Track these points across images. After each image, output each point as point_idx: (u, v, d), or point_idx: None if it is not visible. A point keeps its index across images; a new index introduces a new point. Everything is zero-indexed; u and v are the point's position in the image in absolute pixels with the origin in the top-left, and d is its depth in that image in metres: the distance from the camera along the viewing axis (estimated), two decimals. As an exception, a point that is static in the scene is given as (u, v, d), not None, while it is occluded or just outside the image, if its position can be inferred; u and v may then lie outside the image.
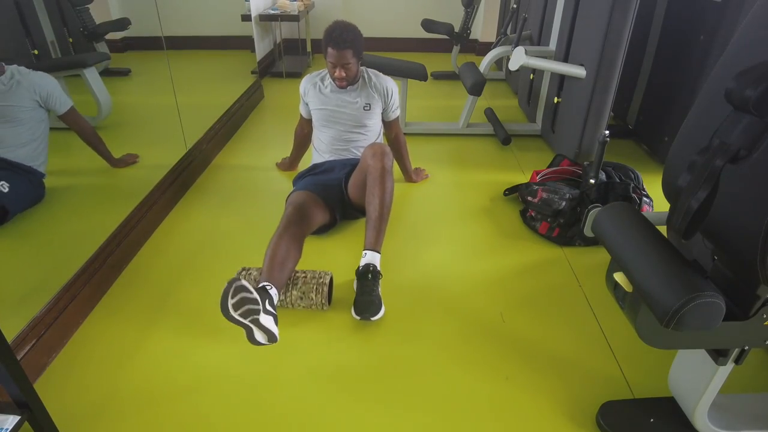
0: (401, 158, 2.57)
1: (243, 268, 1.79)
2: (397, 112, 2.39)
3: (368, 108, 2.25)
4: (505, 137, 3.07)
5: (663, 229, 1.07)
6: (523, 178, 2.69)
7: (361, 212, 2.10)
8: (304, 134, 2.54)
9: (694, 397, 1.24)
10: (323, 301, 1.71)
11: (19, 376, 1.07)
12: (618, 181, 2.15)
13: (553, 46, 2.98)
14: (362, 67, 2.26)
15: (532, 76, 3.37)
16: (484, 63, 3.05)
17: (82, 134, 1.94)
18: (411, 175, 2.64)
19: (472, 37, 4.88)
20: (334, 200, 2.12)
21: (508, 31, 3.74)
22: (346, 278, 1.86)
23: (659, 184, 1.20)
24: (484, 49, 5.05)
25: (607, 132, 1.97)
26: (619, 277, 1.12)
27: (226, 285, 1.41)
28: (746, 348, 1.11)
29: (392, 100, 2.32)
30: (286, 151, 2.73)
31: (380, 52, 3.40)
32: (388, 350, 1.60)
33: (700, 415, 1.25)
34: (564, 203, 2.10)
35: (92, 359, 1.55)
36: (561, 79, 2.90)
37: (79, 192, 1.98)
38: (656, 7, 2.86)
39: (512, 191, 2.50)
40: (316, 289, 1.70)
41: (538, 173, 2.44)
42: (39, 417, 1.15)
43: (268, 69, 4.62)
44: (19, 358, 1.40)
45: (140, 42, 2.37)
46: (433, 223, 2.31)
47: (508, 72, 4.35)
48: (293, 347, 1.60)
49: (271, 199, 2.43)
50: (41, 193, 1.77)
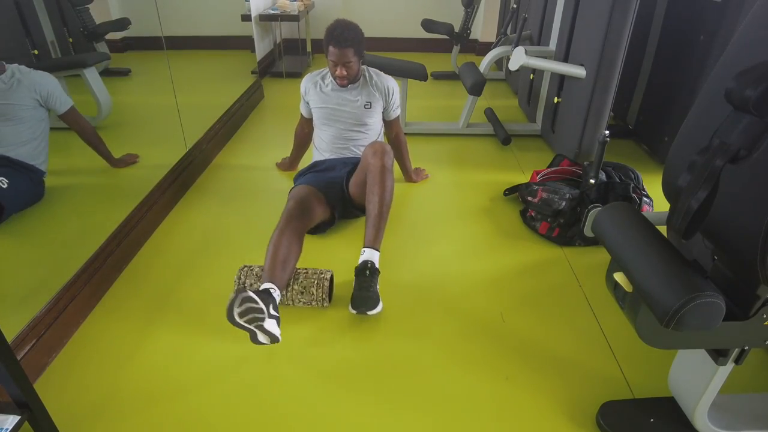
0: (401, 158, 2.57)
1: (244, 266, 1.79)
2: (398, 112, 2.39)
3: (369, 107, 2.25)
4: (505, 137, 3.07)
5: (663, 229, 1.07)
6: (523, 178, 2.69)
7: (362, 211, 2.10)
8: (304, 134, 2.54)
9: (694, 397, 1.24)
10: (324, 296, 1.71)
11: (19, 376, 1.07)
12: (618, 181, 2.15)
13: (553, 46, 2.98)
14: (363, 66, 2.26)
15: (532, 76, 3.37)
16: (484, 63, 3.05)
17: (82, 134, 1.94)
18: (411, 175, 2.64)
19: (472, 37, 4.88)
20: (335, 198, 2.12)
21: (508, 31, 3.74)
22: (347, 277, 1.86)
23: (659, 184, 1.20)
24: (484, 49, 5.05)
25: (607, 132, 1.98)
26: (619, 277, 1.12)
27: (233, 295, 1.43)
28: (746, 348, 1.11)
29: (393, 99, 2.32)
30: (286, 151, 2.73)
31: (380, 52, 3.40)
32: (388, 350, 1.60)
33: (700, 415, 1.25)
34: (564, 203, 2.10)
35: (92, 359, 1.55)
36: (561, 79, 2.90)
37: (79, 192, 1.98)
38: (656, 7, 2.86)
39: (512, 191, 2.50)
40: (317, 284, 1.71)
41: (538, 173, 2.44)
42: (39, 417, 1.15)
43: (268, 69, 4.62)
44: (19, 358, 1.40)
45: (140, 42, 2.37)
46: (433, 223, 2.31)
47: (508, 72, 4.35)
48: (294, 346, 1.60)
49: (271, 199, 2.43)
50: (41, 192, 1.77)
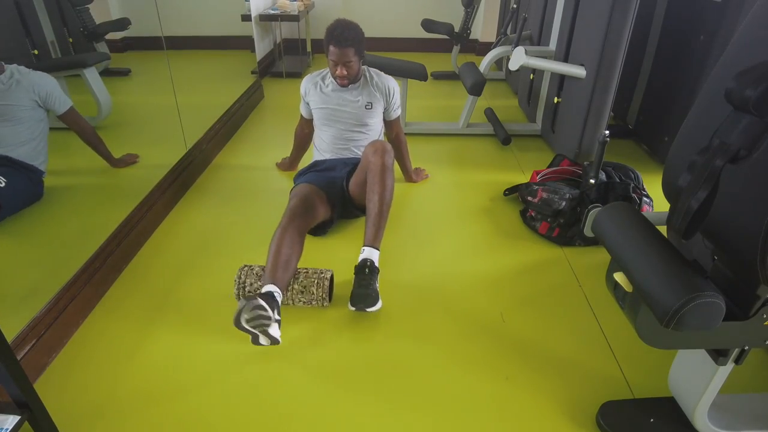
0: (402, 158, 2.57)
1: (244, 265, 1.78)
2: (399, 112, 2.39)
3: (370, 107, 2.25)
4: (505, 137, 3.07)
5: (663, 229, 1.07)
6: (523, 178, 2.69)
7: (362, 211, 2.10)
8: (304, 134, 2.54)
9: (694, 397, 1.24)
10: (324, 296, 1.71)
11: (19, 376, 1.07)
12: (618, 181, 2.15)
13: (553, 46, 2.98)
14: (364, 66, 2.25)
15: (532, 76, 3.37)
16: (484, 63, 3.05)
17: (81, 134, 1.94)
18: (411, 175, 2.64)
19: (472, 37, 4.88)
20: (335, 197, 2.12)
21: (508, 31, 3.74)
22: (347, 277, 1.86)
23: (659, 184, 1.20)
24: (484, 49, 5.06)
25: (607, 132, 1.97)
26: (619, 277, 1.12)
27: (243, 301, 1.43)
28: (746, 348, 1.11)
29: (394, 100, 2.32)
30: (286, 151, 2.73)
31: (380, 52, 3.40)
32: (388, 349, 1.60)
33: (700, 415, 1.25)
34: (564, 203, 2.10)
35: (92, 359, 1.55)
36: (561, 79, 2.90)
37: (79, 192, 1.98)
38: (656, 7, 2.86)
39: (512, 191, 2.50)
40: (317, 283, 1.71)
41: (538, 173, 2.44)
42: (39, 417, 1.15)
43: (268, 69, 4.62)
44: (19, 358, 1.40)
45: (140, 42, 2.37)
46: (433, 223, 2.31)
47: (508, 72, 4.35)
48: (294, 346, 1.60)
49: (271, 199, 2.43)
50: (39, 192, 1.77)
